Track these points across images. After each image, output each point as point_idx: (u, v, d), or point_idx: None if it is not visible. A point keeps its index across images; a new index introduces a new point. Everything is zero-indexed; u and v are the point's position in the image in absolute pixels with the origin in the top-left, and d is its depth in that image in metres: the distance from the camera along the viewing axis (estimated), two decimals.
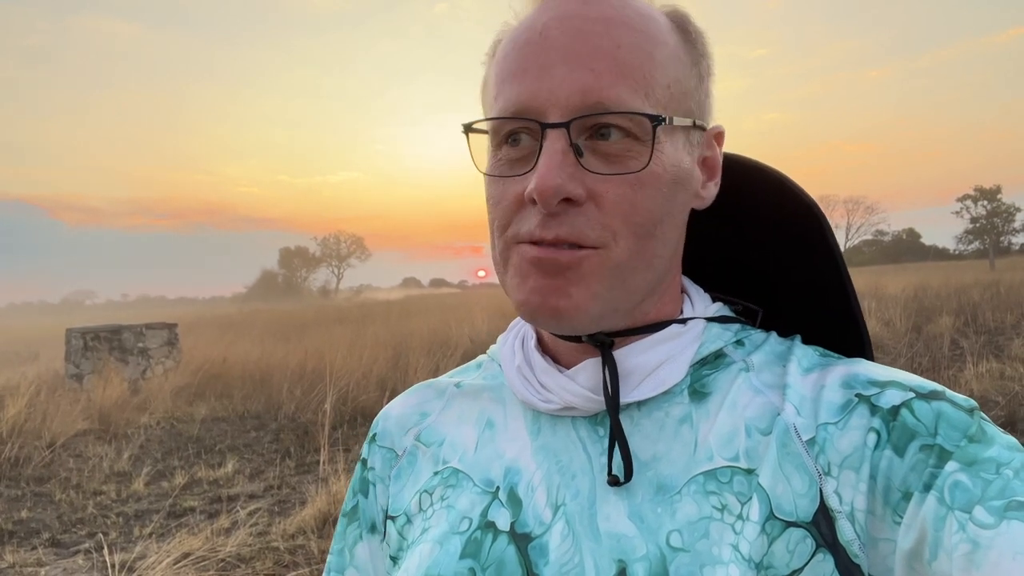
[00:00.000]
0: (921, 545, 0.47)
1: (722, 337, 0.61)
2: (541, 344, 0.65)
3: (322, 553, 4.07)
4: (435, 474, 0.65)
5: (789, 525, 0.51)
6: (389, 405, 0.74)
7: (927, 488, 0.48)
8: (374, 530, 0.69)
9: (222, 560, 3.97)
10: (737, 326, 0.63)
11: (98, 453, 6.72)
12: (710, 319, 0.62)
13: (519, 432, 0.62)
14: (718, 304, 0.64)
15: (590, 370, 0.59)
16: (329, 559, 0.72)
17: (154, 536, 4.61)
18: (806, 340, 0.64)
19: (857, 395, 0.54)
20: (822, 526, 0.50)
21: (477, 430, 0.65)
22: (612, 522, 0.54)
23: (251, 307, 43.56)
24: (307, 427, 7.24)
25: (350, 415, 7.58)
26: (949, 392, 0.53)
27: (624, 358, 0.59)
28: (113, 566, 3.78)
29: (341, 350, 10.47)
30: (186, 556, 3.89)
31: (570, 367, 0.61)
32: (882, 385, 0.54)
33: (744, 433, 0.55)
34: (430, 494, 0.64)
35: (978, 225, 62.02)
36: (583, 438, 0.59)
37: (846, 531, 0.50)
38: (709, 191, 0.61)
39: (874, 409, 0.53)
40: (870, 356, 0.64)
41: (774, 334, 0.64)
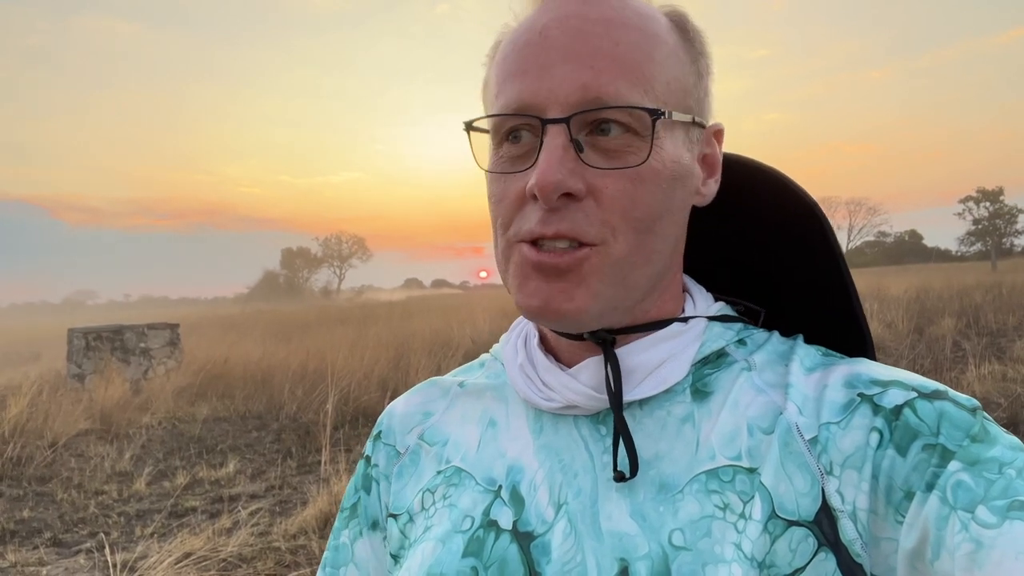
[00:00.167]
0: (923, 545, 0.47)
1: (724, 336, 0.61)
2: (544, 342, 0.65)
3: (323, 553, 4.07)
4: (438, 473, 0.65)
5: (791, 524, 0.51)
6: (394, 403, 0.74)
7: (930, 488, 0.48)
8: (375, 527, 0.69)
9: (223, 560, 3.97)
10: (739, 325, 0.63)
11: (100, 453, 6.73)
12: (712, 318, 0.62)
13: (521, 431, 0.62)
14: (720, 303, 0.64)
15: (592, 368, 0.59)
16: (325, 555, 0.71)
17: (155, 536, 4.61)
18: (808, 340, 0.64)
19: (860, 394, 0.54)
20: (824, 525, 0.50)
21: (480, 429, 0.65)
22: (614, 521, 0.54)
23: (253, 307, 43.59)
24: (308, 427, 7.25)
25: (352, 415, 7.58)
26: (952, 392, 0.53)
27: (626, 356, 0.59)
28: (115, 566, 3.79)
29: (343, 351, 10.48)
30: (187, 556, 3.90)
31: (572, 365, 0.61)
32: (885, 384, 0.54)
33: (746, 432, 0.55)
34: (432, 493, 0.64)
35: (980, 227, 61.97)
36: (585, 437, 0.59)
37: (848, 530, 0.50)
38: (710, 188, 0.61)
39: (877, 408, 0.53)
40: (872, 356, 0.64)
41: (776, 333, 0.64)
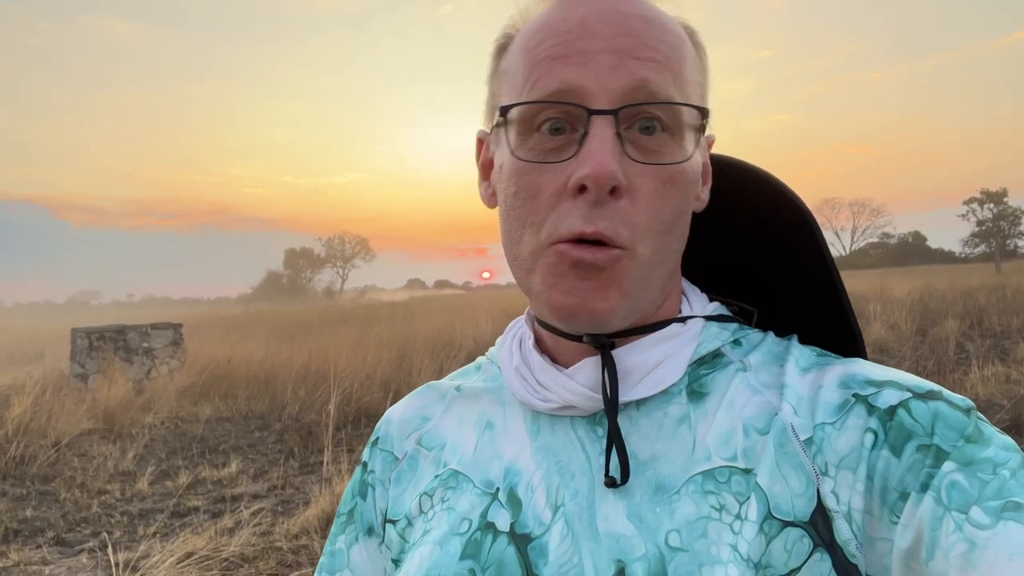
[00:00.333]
0: (918, 545, 0.47)
1: (720, 336, 0.61)
2: (539, 344, 0.65)
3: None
4: (435, 476, 0.65)
5: (787, 525, 0.51)
6: (392, 409, 0.74)
7: (924, 488, 0.48)
8: (371, 533, 0.69)
9: (225, 560, 3.98)
10: (735, 326, 0.63)
11: (103, 452, 6.74)
12: (708, 318, 0.62)
13: (518, 433, 0.62)
14: (715, 303, 0.65)
15: (589, 368, 0.59)
16: (321, 560, 0.71)
17: (158, 535, 4.62)
18: (802, 340, 0.64)
19: (854, 395, 0.54)
20: (819, 526, 0.50)
21: (477, 432, 0.65)
22: (611, 522, 0.54)
23: (256, 307, 43.62)
24: (311, 427, 7.25)
25: (354, 416, 7.59)
26: (946, 392, 0.53)
27: (624, 357, 0.59)
28: (117, 565, 3.80)
29: (345, 351, 10.49)
30: (189, 555, 3.90)
31: (568, 367, 0.61)
32: (879, 385, 0.54)
33: (742, 433, 0.55)
34: (431, 496, 0.63)
35: (984, 228, 61.77)
36: (582, 438, 0.59)
37: (843, 531, 0.50)
38: (705, 194, 0.62)
39: (871, 409, 0.53)
40: (864, 357, 0.64)
41: (771, 334, 0.64)
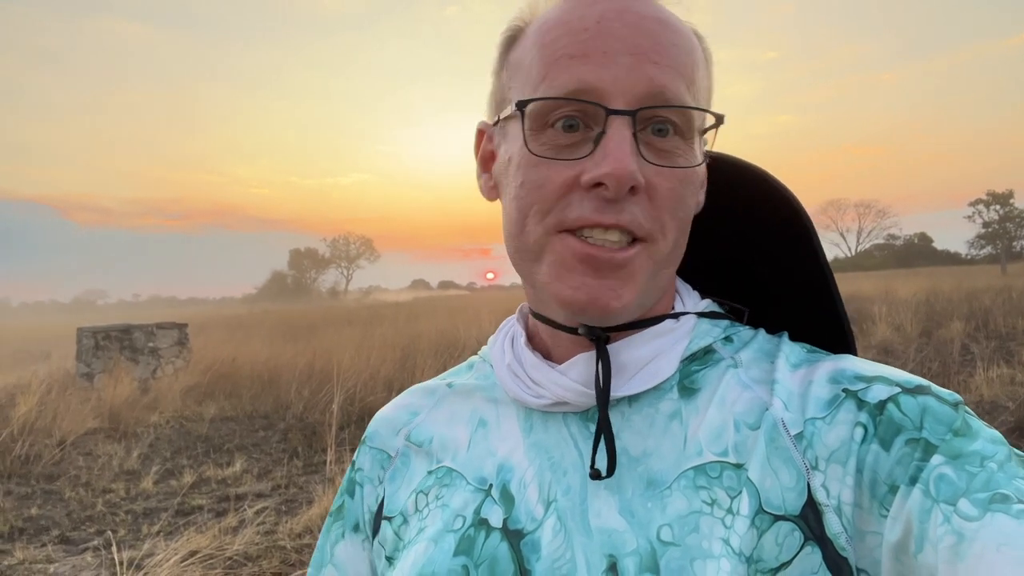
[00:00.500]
0: (907, 537, 0.48)
1: (711, 333, 0.62)
2: (531, 341, 0.65)
3: None
4: (429, 473, 0.65)
5: (778, 519, 0.51)
6: (382, 408, 0.75)
7: (913, 481, 0.49)
8: (357, 530, 0.69)
9: (229, 558, 3.99)
10: (726, 323, 0.63)
11: (108, 451, 6.77)
12: (700, 315, 0.63)
13: (511, 430, 0.63)
14: (707, 301, 0.65)
15: (582, 364, 0.59)
16: (314, 555, 0.72)
17: (162, 534, 4.64)
18: (792, 338, 0.65)
19: (844, 390, 0.55)
20: (810, 519, 0.51)
21: (469, 429, 0.65)
22: (603, 517, 0.55)
23: (261, 308, 43.73)
24: (315, 427, 7.27)
25: (357, 415, 7.59)
26: (934, 387, 0.53)
27: (618, 352, 0.59)
28: (121, 563, 3.81)
29: (349, 351, 10.50)
30: (193, 554, 3.92)
31: (561, 362, 0.61)
32: (869, 380, 0.55)
33: (733, 428, 0.55)
34: (426, 494, 0.64)
35: (990, 230, 61.66)
36: (574, 434, 0.59)
37: (833, 524, 0.51)
38: (702, 196, 0.63)
39: (861, 404, 0.53)
40: (854, 353, 0.64)
41: (762, 331, 0.64)
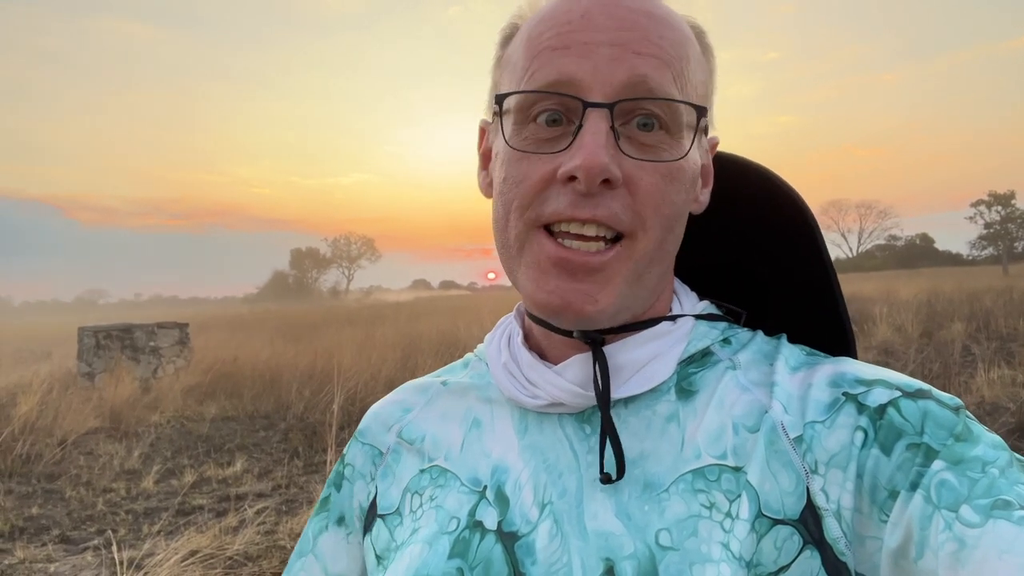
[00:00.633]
0: (907, 543, 0.47)
1: (709, 335, 0.61)
2: (528, 340, 0.64)
3: None
4: (421, 472, 0.64)
5: (776, 523, 0.51)
6: (376, 403, 0.74)
7: (914, 487, 0.48)
8: (341, 523, 0.69)
9: (229, 558, 3.99)
10: (724, 324, 0.63)
11: (108, 451, 6.77)
12: (698, 317, 0.62)
13: (506, 431, 0.62)
14: (705, 302, 0.64)
15: (578, 365, 0.59)
16: (299, 542, 0.72)
17: (162, 534, 4.63)
18: (791, 339, 0.64)
19: (844, 394, 0.54)
20: (809, 524, 0.50)
21: (463, 429, 0.65)
22: (599, 520, 0.54)
23: (262, 307, 43.73)
24: (315, 427, 7.27)
25: (358, 415, 7.57)
26: (935, 391, 0.53)
27: (614, 354, 0.59)
28: (121, 563, 3.80)
29: (350, 351, 10.51)
30: (194, 554, 3.92)
31: (558, 363, 0.61)
32: (869, 384, 0.54)
33: (732, 431, 0.55)
34: (420, 495, 0.63)
35: (992, 230, 61.59)
36: (569, 436, 0.59)
37: (833, 529, 0.50)
38: (705, 196, 0.62)
39: (861, 408, 0.53)
40: (854, 356, 0.64)
41: (760, 333, 0.64)
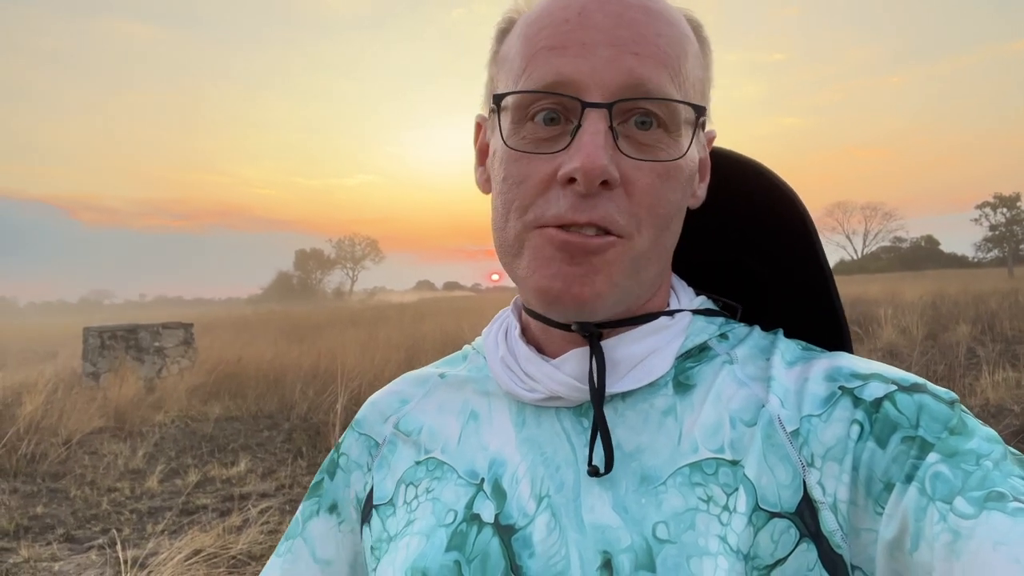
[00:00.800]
0: (903, 535, 0.48)
1: (707, 330, 0.61)
2: (526, 334, 0.64)
3: None
4: (417, 464, 0.64)
5: (773, 516, 0.51)
6: (374, 394, 0.74)
7: (909, 479, 0.49)
8: (333, 510, 0.69)
9: (233, 557, 4.00)
10: (721, 319, 0.63)
11: (113, 450, 6.79)
12: (695, 312, 0.62)
13: (503, 424, 0.62)
14: (702, 297, 0.65)
15: (576, 359, 0.59)
16: (290, 525, 0.71)
17: (166, 533, 4.65)
18: (788, 335, 0.64)
19: (840, 388, 0.54)
20: (805, 516, 0.51)
21: (460, 421, 0.65)
22: (596, 513, 0.55)
23: (266, 308, 43.78)
24: (319, 427, 7.28)
25: None
26: (930, 385, 0.53)
27: (612, 348, 0.59)
28: (125, 562, 3.82)
29: (354, 351, 10.53)
30: (197, 553, 3.93)
31: (555, 357, 0.61)
32: (865, 378, 0.54)
33: (729, 425, 0.55)
34: (416, 486, 0.63)
35: (997, 233, 61.46)
36: (567, 429, 0.59)
37: (829, 522, 0.51)
38: (702, 191, 0.62)
39: (857, 401, 0.53)
40: (850, 350, 0.64)
41: (757, 328, 0.64)
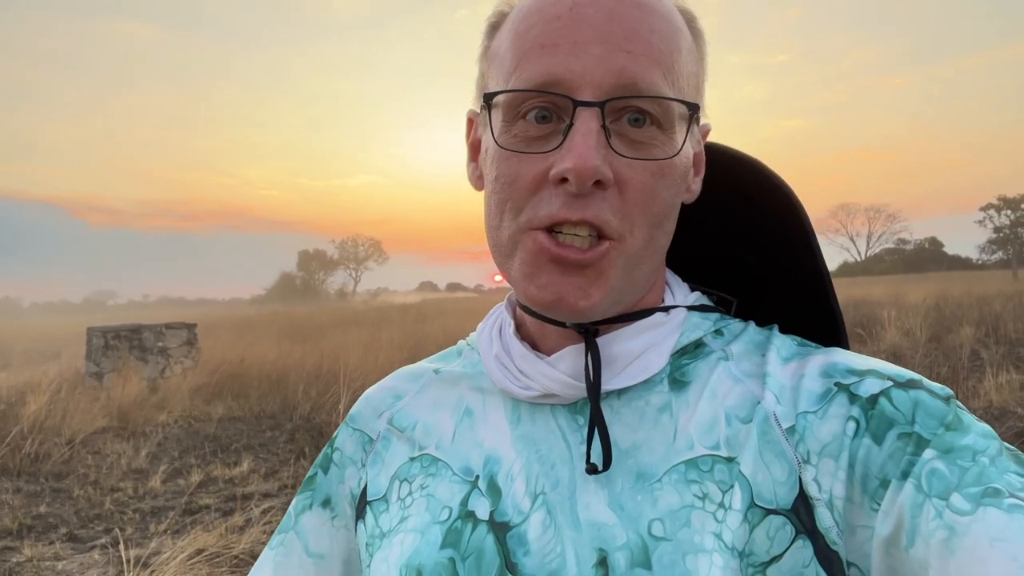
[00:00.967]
0: (898, 532, 0.48)
1: (702, 326, 0.61)
2: (520, 331, 0.64)
3: None
4: (411, 460, 0.64)
5: (769, 512, 0.51)
6: (368, 389, 0.73)
7: (905, 476, 0.49)
8: (327, 505, 0.69)
9: (235, 557, 4.00)
10: (716, 315, 0.63)
11: (116, 450, 6.80)
12: (690, 308, 0.62)
13: (498, 421, 0.62)
14: (696, 293, 0.65)
15: (571, 357, 0.59)
16: (283, 519, 0.71)
17: (169, 532, 4.66)
18: (782, 330, 0.64)
19: (836, 384, 0.54)
20: (801, 513, 0.51)
21: (455, 418, 0.65)
22: (592, 511, 0.54)
23: (269, 309, 43.82)
24: (322, 428, 7.29)
25: None
26: (926, 381, 0.53)
27: (607, 345, 0.59)
28: (128, 561, 3.82)
29: (357, 352, 10.54)
30: (200, 552, 3.93)
31: (550, 353, 0.61)
32: (861, 374, 0.54)
33: (724, 422, 0.55)
34: (410, 483, 0.63)
35: (1001, 235, 61.27)
36: (562, 427, 0.59)
37: (825, 518, 0.50)
38: (697, 185, 0.62)
39: (853, 398, 0.53)
40: (846, 346, 0.64)
41: (752, 324, 0.64)
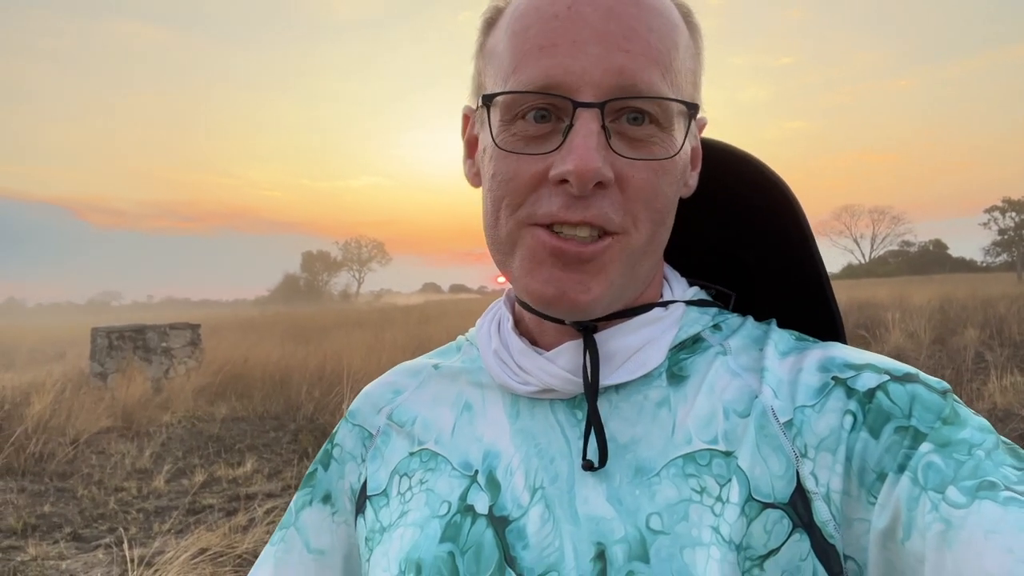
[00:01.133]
0: (895, 525, 0.48)
1: (700, 321, 0.62)
2: (519, 326, 0.65)
3: None
4: (411, 455, 0.65)
5: (766, 506, 0.51)
6: (367, 385, 0.73)
7: (901, 469, 0.49)
8: (327, 500, 0.69)
9: (239, 556, 4.01)
10: (714, 310, 0.63)
11: (120, 450, 6.82)
12: (688, 303, 0.63)
13: (498, 416, 0.62)
14: (695, 288, 0.65)
15: (570, 352, 0.59)
16: (284, 516, 0.72)
17: (173, 532, 4.67)
18: (781, 324, 0.65)
19: (834, 378, 0.55)
20: (799, 507, 0.51)
21: (454, 413, 0.65)
22: (590, 505, 0.55)
23: (273, 310, 43.89)
24: (325, 428, 7.30)
25: None
26: (923, 375, 0.54)
27: (606, 341, 0.59)
28: (132, 561, 3.83)
29: (360, 353, 10.55)
30: (203, 552, 3.95)
31: (549, 349, 0.61)
32: (858, 368, 0.55)
33: (722, 416, 0.56)
34: (409, 477, 0.63)
35: (1006, 237, 61.06)
36: (561, 422, 0.59)
37: (822, 512, 0.51)
38: (694, 180, 0.62)
39: (850, 392, 0.53)
40: (843, 340, 0.65)
41: (750, 318, 0.64)
